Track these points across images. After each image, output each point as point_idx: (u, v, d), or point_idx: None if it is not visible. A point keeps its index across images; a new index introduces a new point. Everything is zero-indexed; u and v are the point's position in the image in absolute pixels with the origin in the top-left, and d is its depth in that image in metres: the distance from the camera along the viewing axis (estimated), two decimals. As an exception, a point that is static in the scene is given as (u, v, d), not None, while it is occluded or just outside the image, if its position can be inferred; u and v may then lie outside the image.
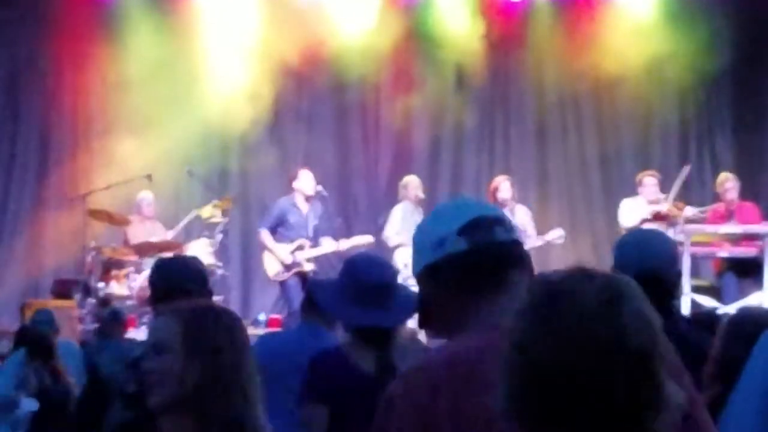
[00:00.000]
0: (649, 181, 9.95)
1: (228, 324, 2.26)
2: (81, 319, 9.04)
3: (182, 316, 2.28)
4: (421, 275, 1.87)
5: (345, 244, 9.48)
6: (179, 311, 2.35)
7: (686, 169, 10.04)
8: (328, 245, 9.51)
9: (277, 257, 9.40)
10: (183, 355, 2.18)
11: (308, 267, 9.38)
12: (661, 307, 3.03)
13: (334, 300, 3.46)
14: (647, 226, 9.12)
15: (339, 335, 4.11)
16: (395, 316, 3.36)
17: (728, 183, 9.89)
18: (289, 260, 9.37)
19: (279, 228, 9.47)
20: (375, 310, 3.32)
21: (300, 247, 9.42)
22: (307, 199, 9.59)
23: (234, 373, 2.19)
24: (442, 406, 1.68)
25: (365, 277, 3.37)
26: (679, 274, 3.21)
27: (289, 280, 9.31)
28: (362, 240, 9.62)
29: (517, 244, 1.86)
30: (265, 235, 9.51)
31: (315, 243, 9.51)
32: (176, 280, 3.30)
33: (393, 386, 1.76)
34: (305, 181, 9.61)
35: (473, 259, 1.79)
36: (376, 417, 1.75)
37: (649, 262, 3.06)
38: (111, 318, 6.36)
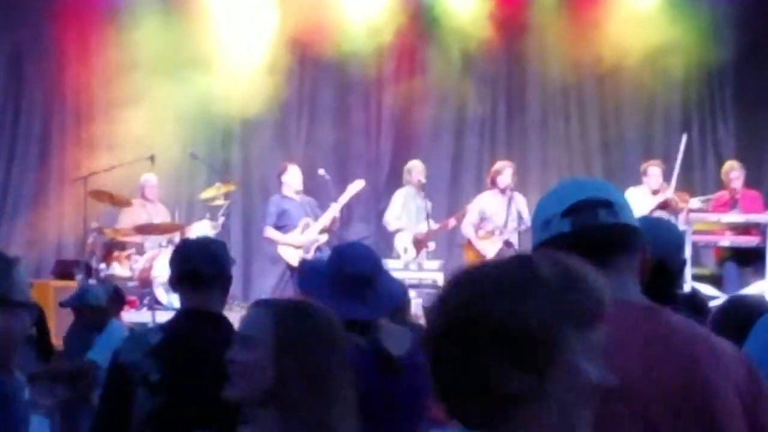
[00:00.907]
0: (654, 171, 9.94)
1: (321, 323, 2.26)
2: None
3: (276, 310, 2.28)
4: None
5: (343, 199, 9.64)
6: (274, 305, 2.36)
7: (684, 139, 10.04)
8: (330, 211, 9.58)
9: (290, 244, 9.48)
10: (272, 350, 2.18)
11: (323, 238, 9.52)
12: (664, 295, 3.04)
13: (320, 289, 3.45)
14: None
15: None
16: (372, 309, 3.34)
17: (734, 172, 9.88)
18: (302, 241, 9.45)
19: (280, 221, 9.59)
20: (353, 301, 3.32)
21: (306, 226, 9.52)
22: (297, 192, 9.68)
23: (321, 373, 2.18)
24: None
25: (348, 268, 3.37)
26: (684, 263, 3.19)
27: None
28: (356, 186, 9.71)
29: (623, 227, 1.85)
30: (271, 231, 9.61)
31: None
32: (193, 264, 3.32)
33: None
34: (293, 176, 9.69)
35: (575, 241, 1.79)
36: None
37: (655, 250, 3.04)
38: (112, 296, 6.31)
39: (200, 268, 3.31)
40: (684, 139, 10.03)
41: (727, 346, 1.80)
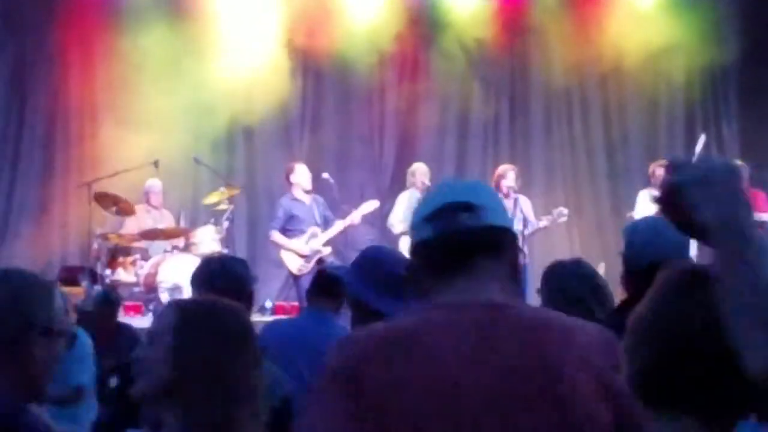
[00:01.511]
0: (661, 172, 9.91)
1: (225, 321, 2.22)
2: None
3: (180, 307, 2.26)
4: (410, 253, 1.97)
5: (356, 216, 9.51)
6: (179, 303, 2.34)
7: (702, 139, 10.00)
8: (340, 224, 9.54)
9: (294, 251, 9.44)
10: (171, 346, 2.15)
11: (327, 250, 9.43)
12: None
13: (368, 290, 3.47)
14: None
15: (346, 321, 4.11)
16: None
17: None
18: (306, 250, 9.40)
19: (288, 225, 9.51)
20: (400, 299, 3.34)
21: (313, 235, 9.46)
22: (307, 191, 9.63)
23: (221, 371, 2.14)
24: (369, 375, 1.72)
25: (393, 268, 3.38)
26: (687, 262, 3.19)
27: (304, 279, 9.22)
28: (369, 206, 9.65)
29: (487, 230, 1.85)
30: (277, 236, 9.56)
31: (326, 229, 9.54)
32: (211, 282, 3.41)
33: (327, 356, 1.80)
34: (301, 175, 9.65)
35: (435, 246, 1.84)
36: (315, 386, 1.80)
37: (661, 249, 3.05)
38: (101, 299, 6.14)
39: (223, 291, 3.37)
40: (702, 138, 9.98)
41: (590, 329, 1.82)
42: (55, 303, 2.30)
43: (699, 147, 9.91)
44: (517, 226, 9.82)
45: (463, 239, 1.83)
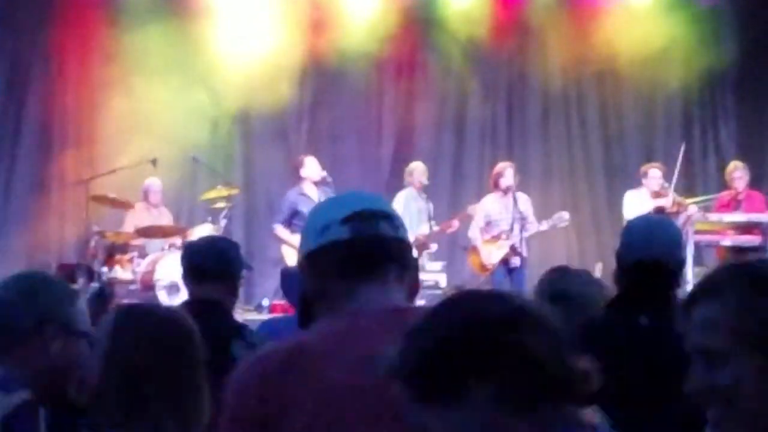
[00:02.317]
0: (654, 173, 9.92)
1: (163, 329, 2.17)
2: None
3: (119, 312, 2.22)
4: (302, 263, 1.92)
5: None
6: (121, 307, 2.31)
7: (682, 148, 10.06)
8: None
9: (294, 247, 9.41)
10: (102, 351, 2.12)
11: None
12: (660, 295, 3.05)
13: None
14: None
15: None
16: None
17: (737, 172, 9.89)
18: None
19: (293, 220, 9.48)
20: None
21: None
22: (316, 184, 9.61)
23: (155, 378, 2.09)
24: (271, 395, 1.72)
25: None
26: (682, 263, 3.20)
27: None
28: None
29: (400, 242, 1.89)
30: (280, 230, 9.56)
31: None
32: (199, 261, 3.45)
33: (233, 374, 1.79)
34: (311, 168, 9.63)
35: (352, 248, 1.83)
36: (222, 405, 1.80)
37: (653, 248, 3.06)
38: (96, 298, 6.13)
39: (204, 263, 3.41)
40: (683, 147, 10.04)
41: None
42: (77, 304, 2.34)
43: (680, 155, 9.94)
44: (517, 226, 9.82)
45: (380, 245, 1.85)
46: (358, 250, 1.84)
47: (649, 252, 3.04)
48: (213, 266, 3.47)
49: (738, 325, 1.44)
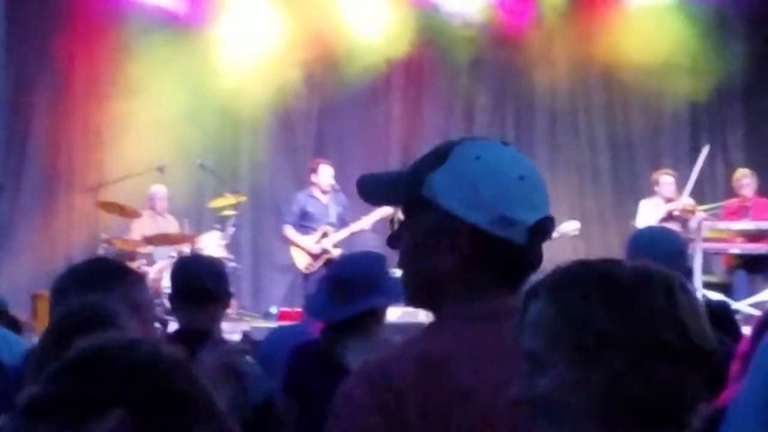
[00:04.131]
0: (666, 180, 9.90)
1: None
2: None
3: (57, 325, 2.13)
4: (455, 228, 1.65)
5: (368, 221, 9.43)
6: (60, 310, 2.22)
7: (705, 150, 9.99)
8: (352, 226, 9.50)
9: (303, 249, 9.43)
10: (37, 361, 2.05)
11: (336, 252, 9.33)
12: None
13: (319, 302, 3.51)
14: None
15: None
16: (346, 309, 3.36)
17: (745, 179, 9.87)
18: (315, 249, 9.40)
19: (302, 221, 9.51)
20: (338, 306, 3.36)
21: (325, 235, 9.46)
22: (325, 191, 9.63)
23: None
24: (410, 409, 1.56)
25: (335, 274, 3.43)
26: (689, 272, 3.21)
27: (312, 278, 9.20)
28: (381, 213, 9.58)
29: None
30: (289, 230, 9.56)
31: (341, 229, 9.54)
32: (191, 280, 3.41)
33: (353, 383, 1.61)
34: (322, 176, 9.66)
35: (523, 258, 1.67)
36: (335, 416, 1.60)
37: (659, 259, 3.06)
38: None
39: (200, 284, 3.39)
40: (705, 150, 9.98)
41: None
42: None
43: (702, 158, 9.92)
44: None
45: (537, 258, 1.70)
46: (525, 262, 1.69)
47: (656, 262, 3.04)
48: (211, 287, 3.45)
49: (557, 330, 1.33)
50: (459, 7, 11.61)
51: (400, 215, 1.80)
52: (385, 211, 9.64)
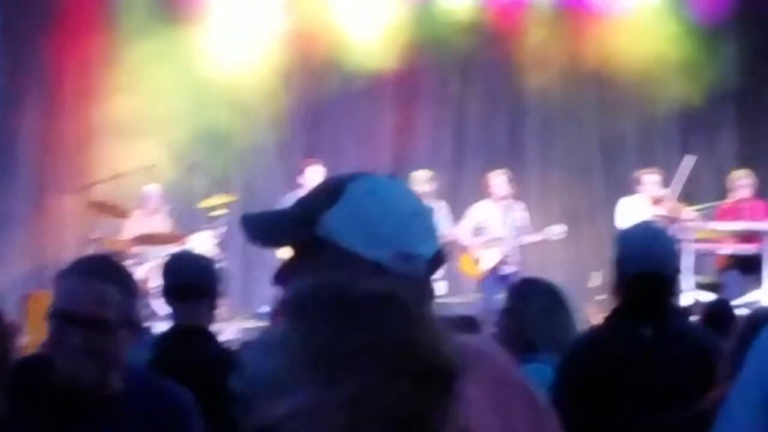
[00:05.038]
0: (648, 179, 9.85)
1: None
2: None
3: None
4: (345, 266, 1.60)
5: None
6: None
7: (690, 160, 9.91)
8: None
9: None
10: None
11: None
12: (660, 303, 3.06)
13: None
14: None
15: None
16: None
17: (743, 180, 9.76)
18: None
19: None
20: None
21: None
22: None
23: None
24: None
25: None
26: (678, 272, 3.20)
27: None
28: None
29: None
30: None
31: None
32: (182, 276, 3.41)
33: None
34: (311, 176, 9.64)
35: (420, 290, 1.60)
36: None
37: (653, 259, 3.06)
38: None
39: (188, 280, 3.38)
40: (690, 160, 9.89)
41: None
42: None
43: (687, 169, 9.83)
44: (511, 234, 9.82)
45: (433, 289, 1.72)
46: (426, 294, 1.63)
47: (649, 263, 3.04)
48: (200, 283, 3.45)
49: (297, 351, 1.26)
50: (451, 8, 11.61)
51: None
52: None
